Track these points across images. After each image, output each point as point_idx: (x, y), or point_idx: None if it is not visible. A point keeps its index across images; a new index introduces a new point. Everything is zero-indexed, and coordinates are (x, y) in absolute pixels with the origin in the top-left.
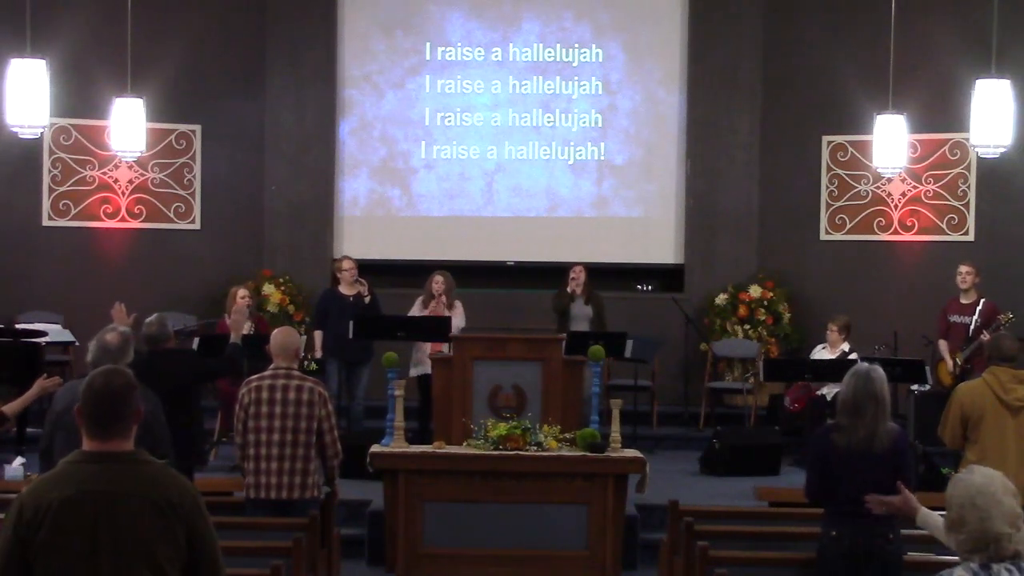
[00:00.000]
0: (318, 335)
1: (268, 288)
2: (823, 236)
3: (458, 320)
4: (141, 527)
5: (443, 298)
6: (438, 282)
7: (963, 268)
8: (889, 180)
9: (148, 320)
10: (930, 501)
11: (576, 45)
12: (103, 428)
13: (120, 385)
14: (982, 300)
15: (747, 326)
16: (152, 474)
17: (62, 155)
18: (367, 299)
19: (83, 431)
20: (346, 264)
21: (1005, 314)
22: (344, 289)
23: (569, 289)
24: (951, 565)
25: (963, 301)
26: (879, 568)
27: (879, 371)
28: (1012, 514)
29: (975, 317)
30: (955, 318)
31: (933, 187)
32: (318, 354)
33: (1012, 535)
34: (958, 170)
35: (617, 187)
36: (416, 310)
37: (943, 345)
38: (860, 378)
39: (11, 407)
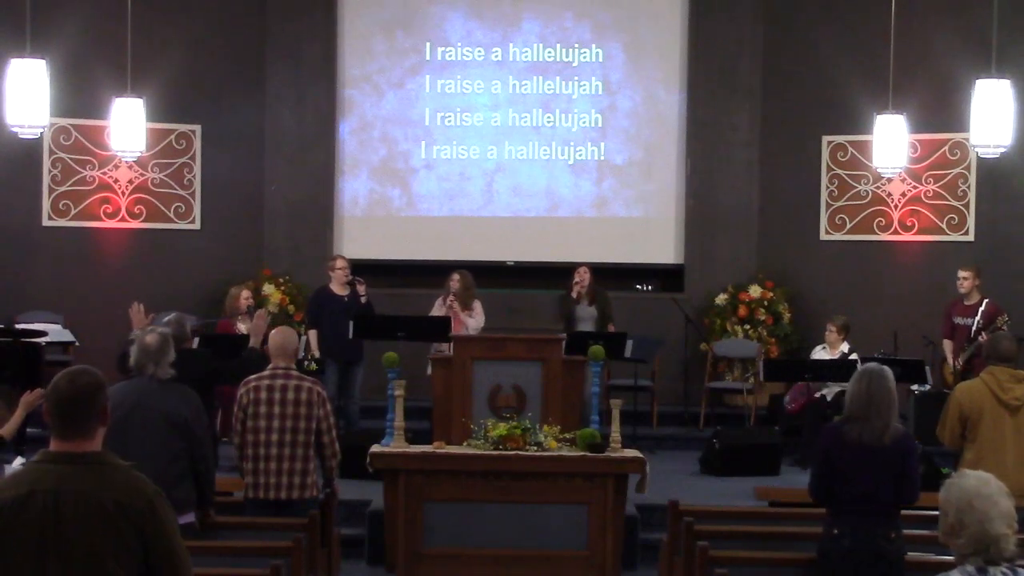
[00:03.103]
0: (312, 335)
1: (268, 288)
2: (823, 236)
3: (474, 321)
4: (86, 528)
5: (452, 299)
6: (454, 280)
7: (961, 273)
8: (889, 180)
9: (167, 319)
10: (931, 501)
11: (576, 45)
12: (66, 428)
13: (84, 385)
14: (985, 301)
15: (747, 326)
16: (107, 474)
17: (62, 155)
18: (364, 299)
19: (51, 431)
20: (339, 263)
21: (1002, 316)
22: (336, 289)
23: (573, 293)
24: (934, 564)
25: (966, 303)
26: (881, 568)
27: (890, 371)
28: (1009, 515)
29: (977, 318)
30: (959, 319)
31: (933, 187)
32: (315, 353)
33: (1010, 536)
34: (958, 170)
35: (617, 187)
36: (435, 309)
37: (947, 346)
38: (876, 375)
39: (6, 429)
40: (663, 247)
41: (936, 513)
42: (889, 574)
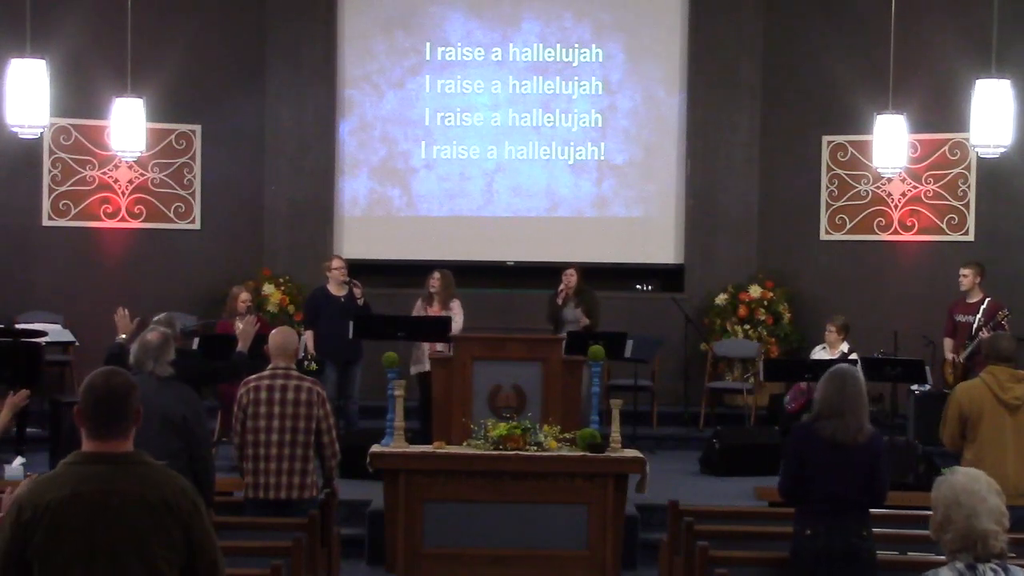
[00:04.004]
0: (309, 335)
1: (268, 288)
2: (823, 236)
3: (455, 320)
4: (136, 527)
5: (422, 300)
6: (435, 278)
7: (962, 270)
8: (889, 180)
9: (156, 319)
10: (930, 501)
11: (576, 45)
12: (102, 429)
13: (119, 385)
14: (987, 299)
15: (747, 326)
16: (149, 474)
17: (62, 155)
18: (361, 301)
19: (83, 432)
20: (336, 264)
21: (1003, 311)
22: (333, 289)
23: (559, 299)
24: (934, 564)
25: (968, 300)
26: (855, 567)
27: (860, 373)
28: (998, 512)
29: (979, 316)
30: (960, 317)
31: (933, 187)
32: (313, 354)
33: (999, 533)
34: (958, 170)
35: (617, 187)
36: (416, 309)
37: (948, 344)
38: (849, 375)
39: None
40: (663, 247)
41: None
42: (862, 573)
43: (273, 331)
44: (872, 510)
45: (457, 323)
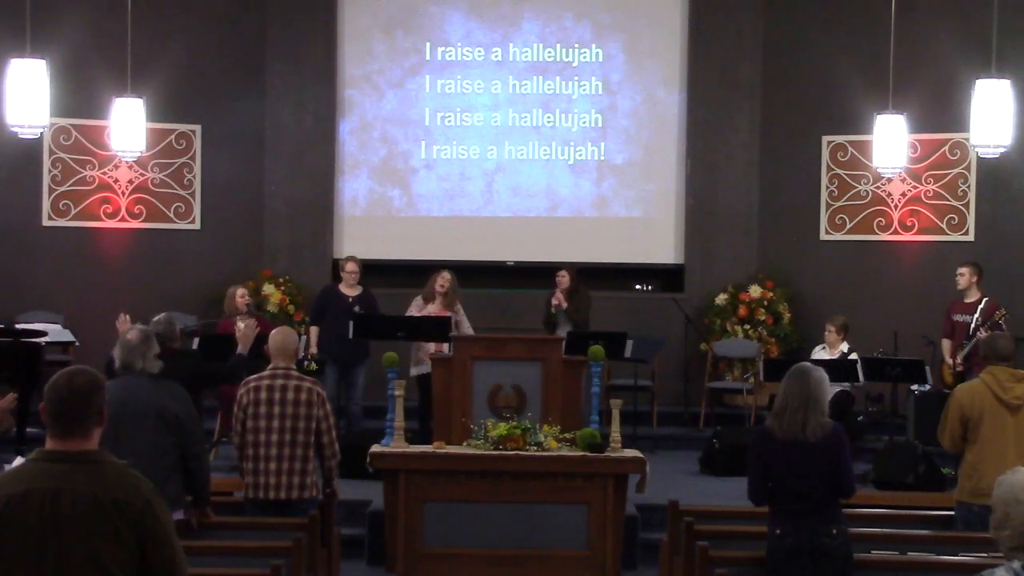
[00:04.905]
0: (314, 331)
1: (268, 288)
2: (823, 236)
3: (464, 322)
4: (86, 526)
5: (439, 297)
6: (445, 279)
7: (959, 269)
8: (889, 180)
9: (155, 319)
10: (931, 501)
11: (576, 45)
12: (63, 427)
13: (82, 385)
14: (984, 299)
15: (747, 326)
16: (104, 473)
17: (62, 155)
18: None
19: (47, 430)
20: (350, 266)
21: (1000, 311)
22: (345, 289)
23: (553, 305)
24: (934, 565)
25: (966, 300)
26: (826, 565)
27: (819, 371)
28: None
29: (976, 316)
30: (958, 317)
31: (933, 187)
32: (313, 350)
33: None
34: (958, 170)
35: (617, 187)
36: (415, 309)
37: (946, 345)
38: (796, 372)
39: None
40: (663, 247)
41: (932, 512)
42: (835, 571)
43: (273, 331)
44: (871, 510)
45: (466, 325)
